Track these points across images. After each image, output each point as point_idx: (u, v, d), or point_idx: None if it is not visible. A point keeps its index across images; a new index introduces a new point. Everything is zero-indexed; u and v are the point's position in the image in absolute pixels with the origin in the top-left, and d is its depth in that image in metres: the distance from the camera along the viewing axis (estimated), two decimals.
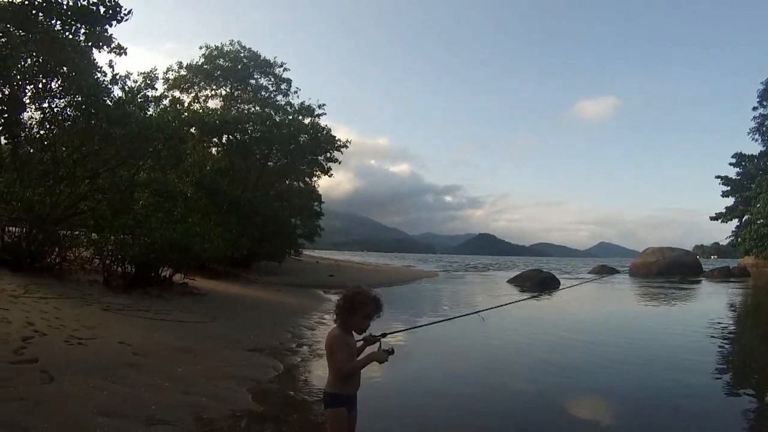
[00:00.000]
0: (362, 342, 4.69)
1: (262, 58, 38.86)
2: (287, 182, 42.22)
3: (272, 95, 39.10)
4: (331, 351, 4.35)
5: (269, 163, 36.28)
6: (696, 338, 14.87)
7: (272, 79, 39.57)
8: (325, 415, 4.45)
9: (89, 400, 6.09)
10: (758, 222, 64.14)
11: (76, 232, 16.07)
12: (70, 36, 13.71)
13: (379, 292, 4.54)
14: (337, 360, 4.32)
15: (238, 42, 38.73)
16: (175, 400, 6.70)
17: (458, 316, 7.61)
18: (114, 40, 14.48)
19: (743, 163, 68.91)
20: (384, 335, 4.71)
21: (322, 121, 36.20)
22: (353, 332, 4.48)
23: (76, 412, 5.65)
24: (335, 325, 4.46)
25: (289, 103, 37.27)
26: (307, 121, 35.40)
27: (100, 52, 14.92)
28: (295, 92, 39.96)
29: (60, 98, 15.35)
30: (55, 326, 9.09)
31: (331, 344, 4.36)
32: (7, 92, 13.63)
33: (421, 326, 7.72)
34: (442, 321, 8.23)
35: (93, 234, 16.08)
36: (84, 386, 6.49)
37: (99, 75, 15.61)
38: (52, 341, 8.14)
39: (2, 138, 14.26)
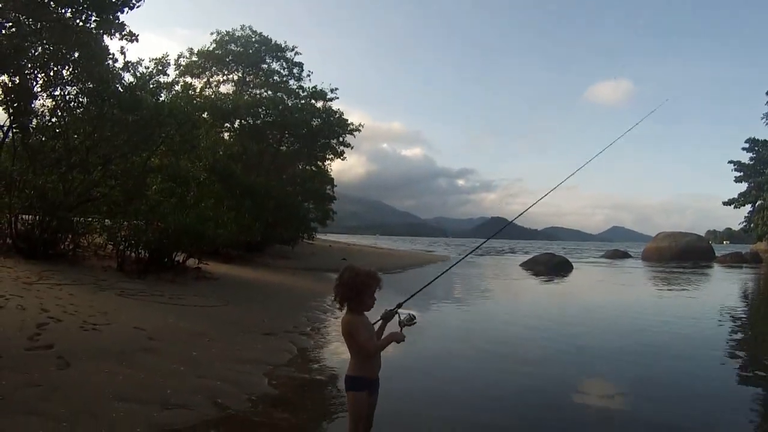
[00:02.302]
0: (381, 321, 4.70)
1: (273, 42, 38.74)
2: (300, 166, 42.24)
3: (284, 80, 39.00)
4: (351, 335, 4.37)
5: (282, 148, 36.24)
6: (707, 325, 14.83)
7: (284, 64, 39.44)
8: (347, 397, 4.49)
9: (105, 385, 6.12)
10: None
11: (89, 219, 16.10)
12: (81, 24, 13.71)
13: (392, 277, 4.54)
14: (361, 342, 4.35)
15: (249, 27, 38.58)
16: (190, 384, 6.73)
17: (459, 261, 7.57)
18: (126, 27, 14.46)
19: (756, 148, 68.36)
20: (400, 305, 4.71)
21: (335, 105, 36.18)
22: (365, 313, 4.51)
23: (92, 397, 5.68)
24: (344, 311, 4.48)
25: (301, 87, 37.22)
26: (319, 105, 35.38)
27: (111, 39, 14.91)
28: (308, 76, 39.86)
29: (72, 86, 15.37)
30: (70, 312, 9.13)
31: (348, 330, 4.39)
32: (17, 81, 13.65)
33: (426, 285, 7.68)
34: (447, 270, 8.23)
35: (106, 220, 16.11)
36: (100, 371, 6.52)
37: (110, 62, 15.58)
38: (67, 327, 8.18)
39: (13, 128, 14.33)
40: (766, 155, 67.19)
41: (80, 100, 15.72)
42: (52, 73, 14.63)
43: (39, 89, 14.74)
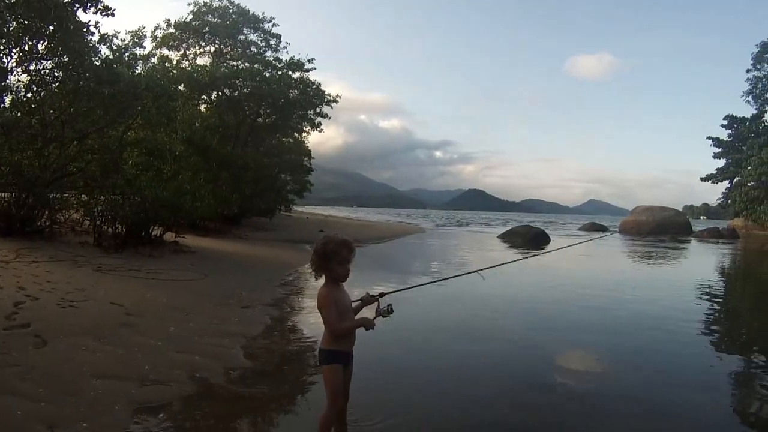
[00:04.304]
0: (359, 302, 4.75)
1: (251, 13, 38.46)
2: (277, 138, 42.14)
3: (262, 51, 38.77)
4: (321, 311, 4.42)
5: (259, 120, 36.11)
6: (684, 298, 14.97)
7: (261, 35, 39.20)
8: (322, 372, 4.54)
9: (83, 362, 6.15)
10: (749, 185, 64.36)
11: (66, 195, 16.01)
12: None
13: (370, 248, 4.60)
14: (326, 321, 4.39)
15: None
16: (169, 359, 6.77)
17: (459, 275, 7.62)
18: (101, 1, 14.31)
19: (735, 125, 68.85)
20: (382, 295, 4.77)
21: (312, 76, 36.04)
22: (342, 284, 4.54)
23: (70, 376, 5.71)
24: (321, 282, 4.51)
25: (278, 59, 37.02)
26: (296, 76, 35.23)
27: (86, 12, 14.75)
28: (285, 48, 39.68)
29: (47, 60, 15.22)
30: (47, 290, 9.14)
31: (320, 305, 4.43)
32: None
33: (421, 285, 7.75)
34: (444, 279, 8.28)
35: (83, 195, 16.03)
36: (78, 349, 6.55)
37: (86, 35, 15.41)
38: (44, 305, 8.18)
39: None
40: (745, 132, 67.71)
41: (56, 74, 15.55)
42: (26, 47, 14.47)
43: (14, 64, 14.58)
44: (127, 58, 17.48)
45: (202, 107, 33.75)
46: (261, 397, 5.97)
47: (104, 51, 16.61)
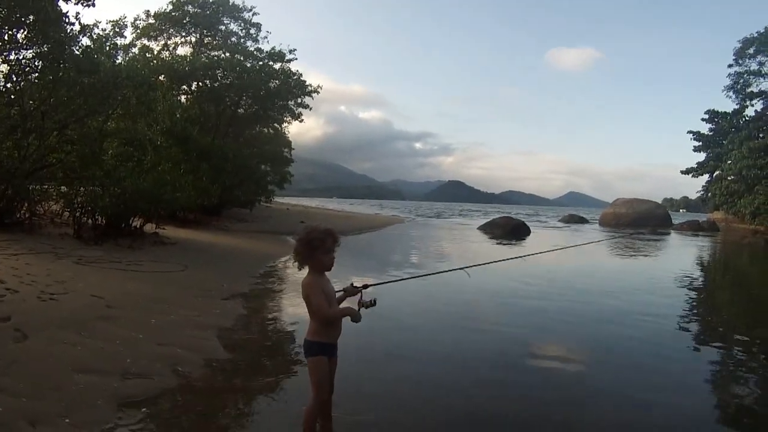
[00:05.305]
0: (342, 293, 4.75)
1: (231, 2, 38.23)
2: (257, 129, 42.05)
3: (242, 41, 38.60)
4: (308, 299, 4.41)
5: (239, 110, 35.98)
6: (664, 290, 15.09)
7: (242, 24, 39.00)
8: (307, 363, 4.54)
9: (64, 356, 6.11)
10: (729, 179, 64.94)
11: (46, 186, 15.89)
12: None
13: (350, 239, 4.61)
14: (315, 306, 4.39)
15: None
16: (150, 352, 6.75)
17: (445, 271, 7.62)
18: None
19: (716, 120, 69.46)
20: (366, 287, 4.78)
21: (293, 67, 35.92)
22: (326, 274, 4.55)
23: (51, 370, 5.66)
24: (306, 272, 4.51)
25: (258, 49, 36.86)
26: (277, 66, 35.10)
27: (67, 3, 14.64)
28: (265, 37, 39.58)
29: (27, 49, 15.06)
30: (27, 282, 9.04)
31: (306, 293, 4.42)
32: None
33: (406, 279, 7.76)
34: (430, 274, 8.32)
35: (62, 187, 15.92)
36: (59, 342, 6.50)
37: (67, 25, 15.26)
38: (24, 298, 8.10)
39: None
40: (725, 127, 68.35)
41: (36, 64, 15.38)
42: (6, 37, 14.31)
43: None
44: (107, 48, 17.30)
45: (183, 98, 33.55)
46: (244, 390, 5.99)
47: (85, 41, 16.44)
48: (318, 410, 4.55)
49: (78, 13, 15.30)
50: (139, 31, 35.27)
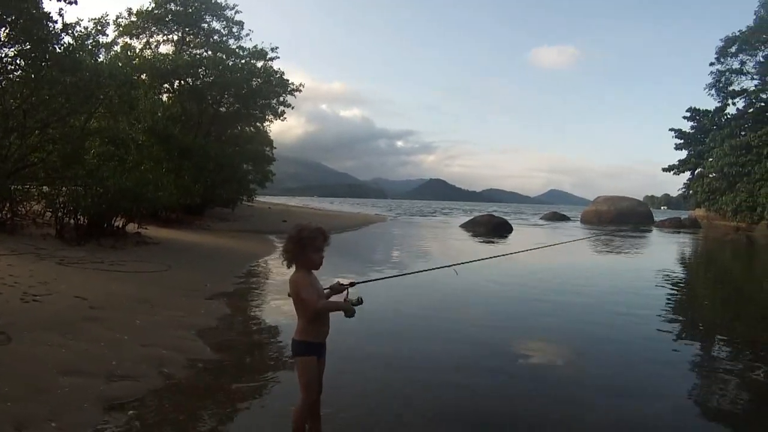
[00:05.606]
0: (329, 290, 4.73)
1: (213, 1, 38.00)
2: (239, 128, 41.91)
3: (224, 39, 38.40)
4: (298, 294, 4.36)
5: (221, 109, 35.80)
6: (645, 287, 15.19)
7: (224, 23, 38.78)
8: (295, 363, 4.52)
9: (49, 358, 6.05)
10: (710, 176, 65.44)
11: (27, 186, 15.76)
12: None
13: (335, 237, 4.60)
14: (306, 300, 4.33)
15: None
16: (135, 353, 6.71)
17: (433, 269, 7.61)
18: None
19: (697, 118, 70.07)
20: (352, 284, 4.76)
21: (275, 65, 35.76)
22: (313, 272, 4.52)
23: (36, 373, 5.61)
24: (293, 270, 4.47)
25: (241, 47, 36.69)
26: (259, 64, 34.96)
27: (50, 0, 14.57)
28: (248, 35, 39.37)
29: (9, 47, 14.92)
30: (9, 284, 8.97)
31: (296, 289, 4.36)
32: None
33: (392, 277, 7.77)
34: (418, 272, 8.31)
35: (44, 187, 15.80)
36: (43, 344, 6.45)
37: (49, 22, 15.13)
38: (6, 300, 8.05)
39: None
40: (707, 124, 68.93)
41: (18, 62, 15.24)
42: None
43: None
44: (90, 46, 17.16)
45: (165, 96, 33.35)
46: (231, 391, 5.97)
47: (67, 39, 16.30)
48: (307, 411, 4.52)
49: (61, 9, 15.18)
50: (121, 29, 34.95)
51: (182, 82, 32.88)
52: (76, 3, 14.61)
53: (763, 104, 65.19)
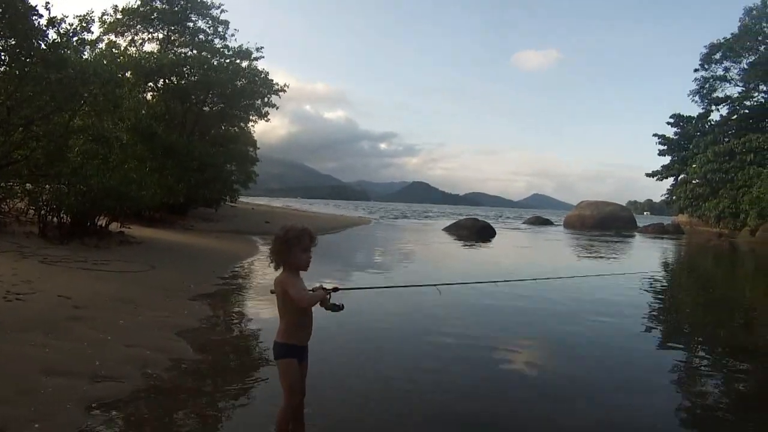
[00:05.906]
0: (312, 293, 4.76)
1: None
2: (223, 127, 41.83)
3: (210, 38, 38.28)
4: (285, 292, 4.35)
5: (206, 108, 35.70)
6: (631, 292, 15.22)
7: (210, 22, 38.65)
8: (277, 366, 4.50)
9: (32, 358, 6.02)
10: (694, 182, 66.01)
11: (10, 183, 15.67)
12: None
13: (318, 239, 4.61)
14: (294, 298, 4.31)
15: None
16: (119, 354, 6.69)
17: (418, 285, 7.64)
18: None
19: (681, 124, 70.83)
20: (336, 289, 4.77)
21: (260, 65, 35.71)
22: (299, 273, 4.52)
23: (19, 373, 5.58)
24: (279, 271, 4.48)
25: (226, 47, 36.62)
26: (244, 64, 34.91)
27: None
28: (233, 35, 39.32)
29: None
30: None
31: (283, 288, 4.36)
32: None
33: (377, 288, 7.79)
34: (400, 287, 8.35)
35: (27, 184, 15.71)
36: (26, 344, 6.42)
37: (35, 18, 15.03)
38: None
39: None
40: (691, 131, 69.61)
41: (2, 58, 15.15)
42: None
43: None
44: (75, 43, 17.05)
45: (149, 95, 33.22)
46: (214, 392, 5.97)
47: (51, 35, 16.19)
48: (290, 414, 4.52)
49: (48, 2, 15.07)
50: (106, 26, 34.76)
51: (167, 80, 32.73)
52: None
53: (746, 111, 65.93)
